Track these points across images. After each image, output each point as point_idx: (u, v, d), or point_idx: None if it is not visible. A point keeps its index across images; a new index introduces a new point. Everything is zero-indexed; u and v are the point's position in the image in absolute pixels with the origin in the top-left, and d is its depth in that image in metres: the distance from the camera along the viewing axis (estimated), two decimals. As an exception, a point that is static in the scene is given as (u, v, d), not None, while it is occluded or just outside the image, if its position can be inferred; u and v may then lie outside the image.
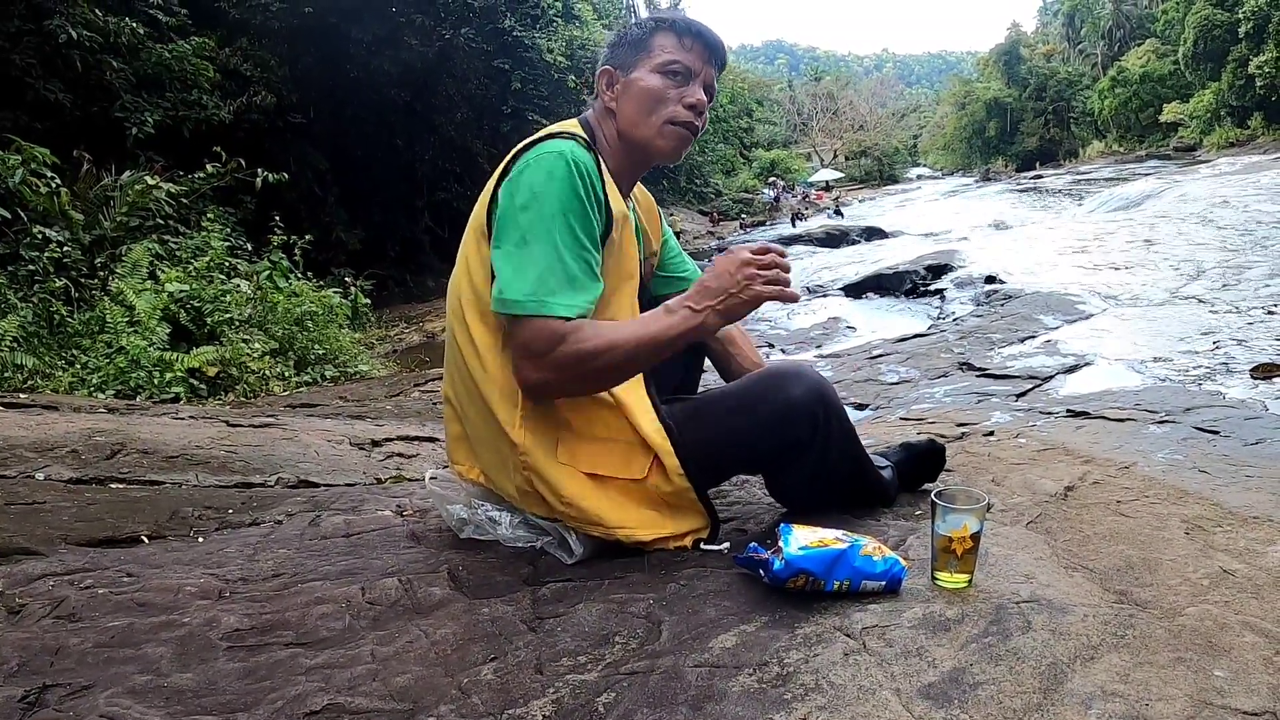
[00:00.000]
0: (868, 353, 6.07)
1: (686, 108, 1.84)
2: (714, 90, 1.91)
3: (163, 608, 1.58)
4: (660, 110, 1.83)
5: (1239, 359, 4.81)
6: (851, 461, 1.95)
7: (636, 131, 1.85)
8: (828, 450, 1.86)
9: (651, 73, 1.83)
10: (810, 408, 1.81)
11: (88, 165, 9.72)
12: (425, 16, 17.35)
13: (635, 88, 1.84)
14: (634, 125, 1.85)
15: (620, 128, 1.87)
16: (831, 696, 1.20)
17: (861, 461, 1.98)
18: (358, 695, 1.26)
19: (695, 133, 1.89)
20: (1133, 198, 18.41)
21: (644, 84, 1.83)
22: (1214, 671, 1.25)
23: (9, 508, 2.32)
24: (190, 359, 6.79)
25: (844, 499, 2.01)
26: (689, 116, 1.85)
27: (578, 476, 1.74)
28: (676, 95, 1.83)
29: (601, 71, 1.91)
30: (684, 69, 1.83)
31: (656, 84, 1.83)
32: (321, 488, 2.87)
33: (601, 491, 1.75)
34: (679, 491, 1.76)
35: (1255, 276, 7.44)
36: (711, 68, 1.88)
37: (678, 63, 1.83)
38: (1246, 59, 42.75)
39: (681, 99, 1.84)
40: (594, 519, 1.73)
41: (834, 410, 1.86)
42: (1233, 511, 2.00)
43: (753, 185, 45.56)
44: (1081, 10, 72.68)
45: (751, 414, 1.82)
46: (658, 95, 1.82)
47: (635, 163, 1.93)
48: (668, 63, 1.83)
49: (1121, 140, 58.60)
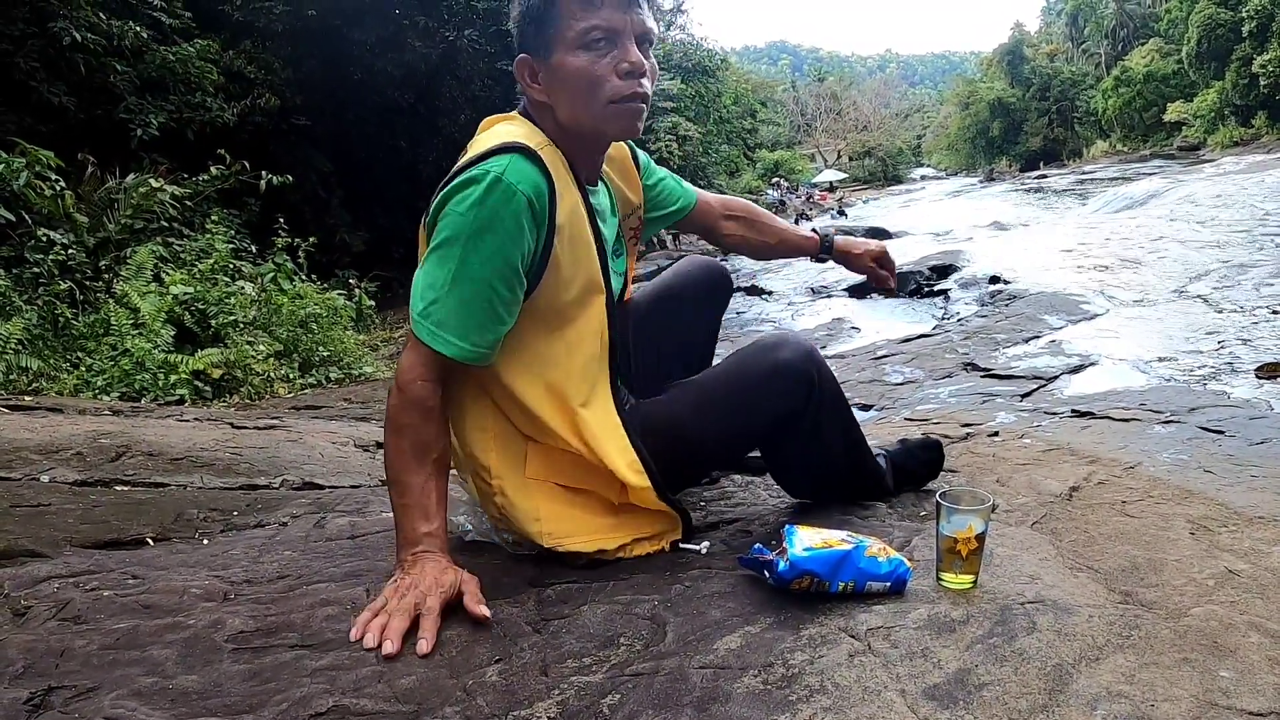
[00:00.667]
0: (872, 353, 6.07)
1: (624, 77, 1.58)
2: (651, 34, 1.62)
3: (168, 610, 1.58)
4: (597, 93, 1.58)
5: (1244, 359, 4.81)
6: (845, 436, 1.94)
7: (580, 122, 1.64)
8: (820, 421, 1.84)
9: (571, 51, 1.57)
10: (802, 367, 1.80)
11: (92, 168, 9.75)
12: (428, 18, 17.38)
13: (560, 75, 1.60)
14: (574, 116, 1.63)
15: (561, 120, 1.66)
16: (836, 698, 1.20)
17: (858, 442, 1.98)
18: (363, 697, 1.26)
19: (645, 100, 1.62)
20: (1137, 197, 18.39)
21: (569, 68, 1.58)
22: (1219, 672, 1.25)
23: (14, 510, 2.32)
24: (195, 361, 6.81)
25: (843, 483, 2.02)
26: (632, 87, 1.59)
27: (547, 488, 1.72)
28: (609, 66, 1.57)
29: (519, 63, 1.67)
30: (605, 31, 1.56)
31: (582, 63, 1.57)
32: (326, 490, 2.87)
33: (572, 503, 1.73)
34: (654, 503, 1.76)
35: (1260, 276, 7.43)
36: (637, 10, 1.58)
37: (595, 28, 1.56)
38: (1250, 58, 42.70)
39: (616, 68, 1.57)
40: (570, 530, 1.72)
41: (825, 374, 1.84)
42: (1238, 511, 1.99)
43: (757, 186, 45.51)
44: (1085, 10, 72.58)
45: (741, 386, 1.81)
46: (589, 76, 1.57)
47: (590, 149, 1.74)
48: (584, 32, 1.56)
49: (1125, 140, 58.52)
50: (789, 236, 2.34)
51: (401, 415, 1.59)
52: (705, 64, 33.17)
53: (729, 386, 1.83)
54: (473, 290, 1.54)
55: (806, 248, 2.33)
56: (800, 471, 2.02)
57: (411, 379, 1.58)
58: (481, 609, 1.49)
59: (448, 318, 1.55)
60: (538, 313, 1.65)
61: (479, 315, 1.56)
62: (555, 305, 1.66)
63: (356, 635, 1.44)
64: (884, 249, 2.35)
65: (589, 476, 1.73)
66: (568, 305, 1.68)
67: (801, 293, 9.88)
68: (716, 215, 2.26)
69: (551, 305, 1.66)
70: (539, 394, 1.67)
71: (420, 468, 1.59)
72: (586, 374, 1.72)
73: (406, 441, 1.59)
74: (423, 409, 1.59)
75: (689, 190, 2.21)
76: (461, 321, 1.55)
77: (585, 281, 1.69)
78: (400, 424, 1.59)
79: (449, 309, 1.55)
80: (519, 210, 1.52)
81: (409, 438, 1.59)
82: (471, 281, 1.53)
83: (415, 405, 1.58)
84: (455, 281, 1.54)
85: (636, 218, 2.04)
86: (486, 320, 1.57)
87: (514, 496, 1.71)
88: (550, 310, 1.66)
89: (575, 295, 1.68)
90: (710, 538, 1.87)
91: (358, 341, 9.70)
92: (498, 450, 1.71)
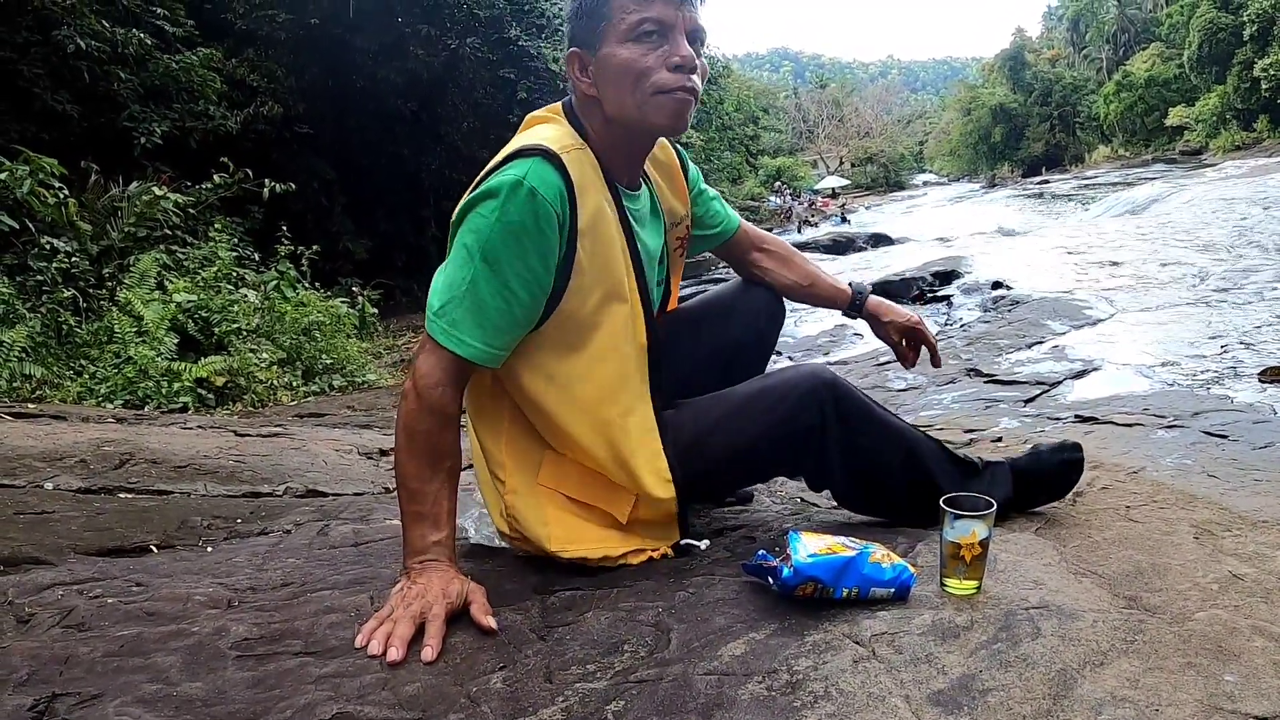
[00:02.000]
0: (874, 359, 6.05)
1: (673, 70, 1.60)
2: (701, 31, 1.65)
3: (172, 617, 1.58)
4: (644, 83, 1.60)
5: (1247, 362, 4.80)
6: (895, 448, 1.81)
7: (626, 114, 1.64)
8: (852, 435, 1.78)
9: (622, 44, 1.60)
10: (809, 384, 1.76)
11: (95, 176, 9.78)
12: (430, 26, 17.41)
13: (610, 66, 1.62)
14: (621, 108, 1.64)
15: (609, 113, 1.67)
16: (841, 704, 1.19)
17: (919, 456, 1.84)
18: (367, 704, 1.26)
19: (694, 93, 1.64)
20: (1139, 202, 18.39)
21: (618, 59, 1.60)
22: (1224, 676, 1.25)
23: (18, 517, 2.32)
24: (198, 369, 6.82)
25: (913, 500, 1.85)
26: (680, 80, 1.60)
27: (555, 498, 1.72)
28: (659, 59, 1.59)
29: (569, 56, 1.69)
30: (657, 24, 1.59)
31: (632, 55, 1.59)
32: (330, 497, 2.88)
33: (577, 515, 1.73)
34: (665, 514, 1.76)
35: (1262, 280, 7.42)
36: (689, 7, 1.61)
37: (647, 20, 1.58)
38: (1251, 62, 42.77)
39: (666, 62, 1.60)
40: (575, 538, 1.71)
41: (843, 390, 1.78)
42: (1242, 516, 1.99)
43: (759, 193, 45.58)
44: (1086, 15, 72.74)
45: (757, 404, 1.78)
46: (637, 68, 1.59)
47: (636, 146, 1.75)
48: (636, 24, 1.58)
49: (1127, 144, 58.59)
50: (821, 283, 2.23)
51: (418, 421, 1.57)
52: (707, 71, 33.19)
53: (746, 403, 1.80)
54: (490, 292, 1.54)
55: (837, 300, 2.23)
56: (856, 489, 1.91)
57: (430, 384, 1.56)
58: (489, 620, 1.49)
59: (463, 318, 1.55)
60: (563, 324, 1.64)
61: (495, 318, 1.55)
62: (579, 315, 1.64)
63: (361, 642, 1.44)
64: (917, 323, 2.21)
65: (598, 493, 1.72)
66: (592, 314, 1.65)
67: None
68: (751, 246, 2.21)
69: (576, 315, 1.64)
70: (569, 409, 1.66)
71: (433, 476, 1.58)
72: (624, 385, 1.70)
73: (421, 448, 1.57)
74: (440, 416, 1.57)
75: (732, 216, 2.18)
76: (477, 323, 1.55)
77: (610, 287, 1.67)
78: (415, 430, 1.57)
79: (465, 310, 1.54)
80: (539, 214, 1.53)
81: (423, 444, 1.57)
82: (489, 283, 1.54)
83: (432, 412, 1.57)
84: (473, 283, 1.54)
85: (684, 227, 2.01)
86: (502, 323, 1.56)
87: (524, 499, 1.71)
88: (574, 321, 1.64)
89: (598, 302, 1.66)
90: (715, 544, 1.87)
91: (361, 349, 9.71)
92: (511, 451, 1.71)
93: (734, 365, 2.07)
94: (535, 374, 1.66)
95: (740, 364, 2.09)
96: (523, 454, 1.71)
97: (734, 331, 2.11)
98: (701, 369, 2.03)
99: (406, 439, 1.58)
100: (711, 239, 2.15)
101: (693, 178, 2.04)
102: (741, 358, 2.11)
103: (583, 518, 1.74)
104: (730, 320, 2.12)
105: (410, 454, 1.58)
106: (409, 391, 1.58)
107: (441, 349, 1.56)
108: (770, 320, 2.19)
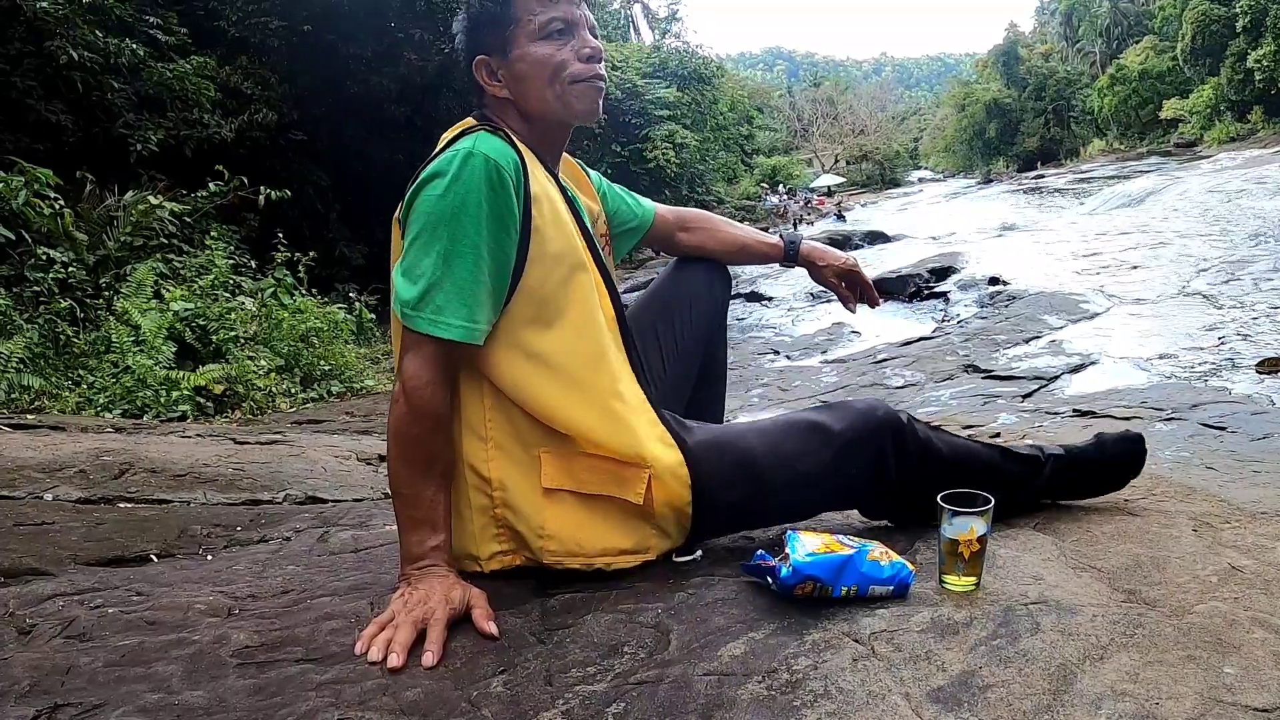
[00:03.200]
0: (872, 357, 6.07)
1: (585, 61, 1.69)
2: (595, 27, 1.75)
3: (172, 626, 1.58)
4: (562, 74, 1.68)
5: (1244, 354, 4.81)
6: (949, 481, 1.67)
7: (547, 107, 1.71)
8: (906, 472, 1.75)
9: (534, 42, 1.67)
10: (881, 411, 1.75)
11: (91, 186, 9.79)
12: (424, 31, 17.40)
13: (524, 65, 1.69)
14: (540, 102, 1.71)
15: (526, 110, 1.73)
16: (841, 702, 1.20)
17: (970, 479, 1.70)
18: (368, 710, 1.26)
19: (604, 81, 1.74)
20: (1134, 195, 18.41)
21: (533, 57, 1.68)
22: (1224, 669, 1.25)
23: (18, 529, 2.33)
24: (196, 377, 6.83)
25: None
26: (592, 69, 1.70)
27: (563, 500, 1.64)
28: (570, 53, 1.68)
29: (476, 63, 1.74)
30: (564, 22, 1.68)
31: (546, 51, 1.67)
32: (329, 503, 2.88)
33: (586, 513, 1.66)
34: (678, 499, 1.68)
35: (1258, 271, 7.43)
36: (584, 6, 1.73)
37: (555, 19, 1.67)
38: (1245, 53, 42.77)
39: (577, 54, 1.69)
40: (573, 549, 1.66)
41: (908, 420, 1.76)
42: (1240, 507, 1.99)
43: (754, 193, 45.57)
44: (1079, 9, 72.71)
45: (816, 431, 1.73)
46: (554, 62, 1.67)
47: (554, 139, 1.80)
48: (546, 24, 1.67)
49: (1122, 138, 58.59)
50: (750, 243, 2.26)
51: (410, 426, 1.55)
52: (701, 71, 33.24)
53: (803, 429, 1.76)
54: (466, 267, 1.53)
55: (771, 254, 2.26)
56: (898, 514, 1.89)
57: (418, 385, 1.54)
58: (490, 626, 1.48)
59: (447, 301, 1.53)
60: (531, 298, 1.62)
61: (478, 292, 1.54)
62: (546, 288, 1.62)
63: (361, 649, 1.44)
64: (853, 263, 2.26)
65: (608, 481, 1.65)
66: (559, 286, 1.64)
67: (801, 298, 9.90)
68: (672, 228, 2.21)
69: (542, 288, 1.62)
70: (557, 387, 1.62)
71: (428, 480, 1.57)
72: (606, 356, 1.67)
73: (414, 453, 1.56)
74: (432, 418, 1.56)
75: (646, 206, 2.18)
76: (462, 301, 1.53)
77: (571, 257, 1.67)
78: (408, 435, 1.55)
79: (447, 292, 1.52)
80: (494, 177, 1.53)
81: (417, 449, 1.56)
82: (463, 258, 1.52)
83: (424, 415, 1.55)
84: (447, 262, 1.52)
85: (603, 223, 2.01)
86: (482, 297, 1.55)
87: (522, 509, 1.64)
88: (541, 294, 1.62)
89: (565, 274, 1.65)
90: (713, 544, 1.86)
91: (359, 355, 9.73)
92: (501, 461, 1.64)
93: (713, 342, 2.16)
94: (515, 355, 1.61)
95: (718, 340, 2.19)
96: (513, 460, 1.65)
97: (696, 313, 2.13)
98: (682, 363, 2.06)
99: (398, 446, 1.57)
100: (633, 232, 2.15)
101: (595, 179, 2.07)
102: (715, 334, 2.18)
103: (597, 514, 1.66)
104: (686, 305, 2.12)
105: (403, 460, 1.57)
106: (398, 397, 1.56)
107: (426, 341, 1.54)
108: (723, 287, 2.23)
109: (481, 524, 1.68)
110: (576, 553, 1.66)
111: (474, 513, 1.68)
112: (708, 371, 2.18)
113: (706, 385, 2.19)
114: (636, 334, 1.96)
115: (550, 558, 1.66)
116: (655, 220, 2.18)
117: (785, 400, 5.02)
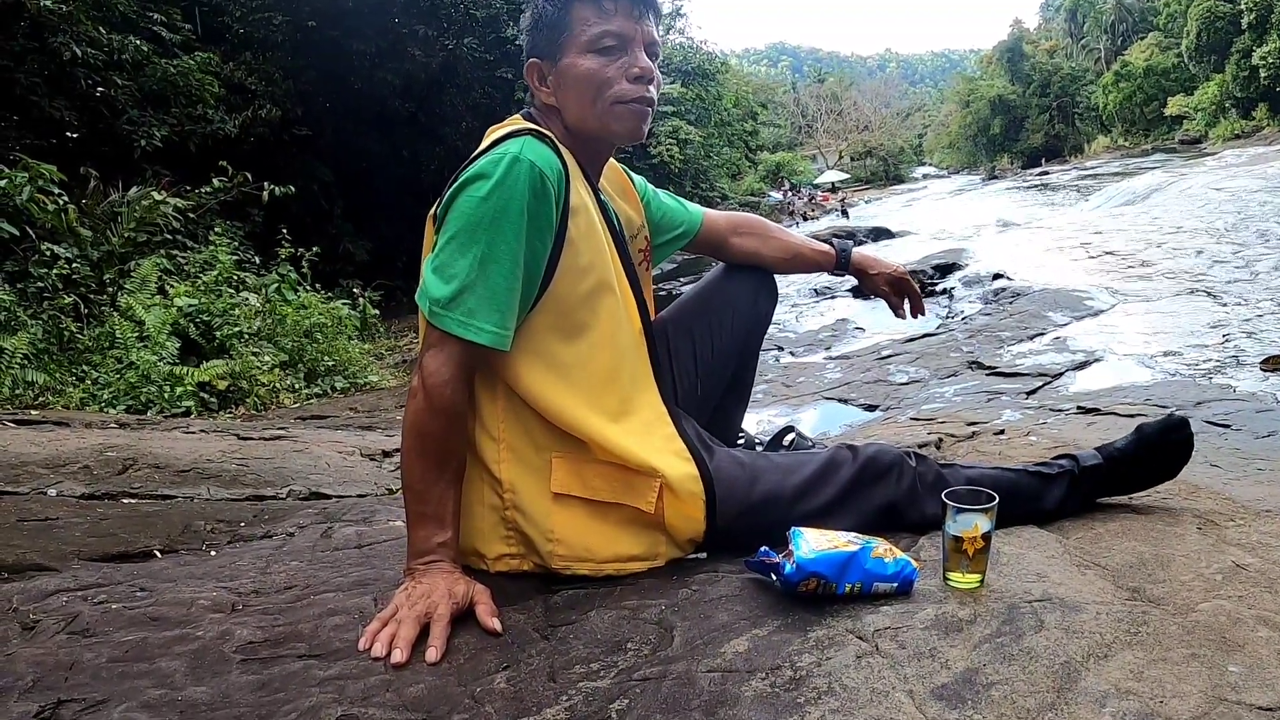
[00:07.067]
0: (876, 353, 6.06)
1: (632, 81, 1.66)
2: (657, 45, 1.71)
3: (176, 621, 1.59)
4: (605, 93, 1.65)
5: (1249, 352, 4.79)
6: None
7: (586, 124, 1.69)
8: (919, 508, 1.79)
9: (583, 55, 1.65)
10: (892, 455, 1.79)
11: (94, 182, 9.79)
12: (427, 27, 17.43)
13: (570, 76, 1.66)
14: (582, 118, 1.69)
15: (568, 122, 1.71)
16: (844, 699, 1.19)
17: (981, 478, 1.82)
18: (371, 706, 1.26)
19: (651, 104, 1.70)
20: (1139, 192, 18.32)
21: (579, 70, 1.65)
22: (1228, 667, 1.24)
23: (22, 524, 2.33)
24: (200, 373, 6.83)
25: None
26: (639, 90, 1.67)
27: (572, 505, 1.64)
28: (619, 70, 1.65)
29: (528, 66, 1.73)
30: (617, 38, 1.64)
31: (593, 66, 1.65)
32: (333, 499, 2.88)
33: (596, 519, 1.65)
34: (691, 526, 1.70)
35: (1263, 269, 7.40)
36: (646, 22, 1.67)
37: (608, 33, 1.64)
38: (1250, 50, 42.67)
39: (625, 73, 1.65)
40: (582, 554, 1.65)
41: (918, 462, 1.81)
42: (1245, 505, 1.99)
43: (759, 189, 45.57)
44: (1083, 5, 72.56)
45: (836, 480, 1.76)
46: (599, 79, 1.65)
47: (595, 152, 1.78)
48: (597, 38, 1.64)
49: (1126, 135, 58.52)
50: (803, 250, 2.24)
51: (428, 422, 1.54)
52: (705, 67, 33.18)
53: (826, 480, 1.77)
54: (502, 273, 1.52)
55: (822, 262, 2.25)
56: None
57: (439, 383, 1.53)
58: (494, 622, 1.48)
59: (479, 305, 1.52)
60: (556, 307, 1.62)
61: (507, 298, 1.54)
62: (572, 299, 1.63)
63: (365, 644, 1.44)
64: (903, 273, 2.26)
65: (619, 488, 1.64)
66: (584, 299, 1.64)
67: (805, 294, 9.87)
68: (725, 234, 2.19)
69: (568, 298, 1.62)
70: (571, 396, 1.62)
71: (440, 476, 1.57)
72: (625, 373, 1.68)
73: (429, 449, 1.56)
74: (451, 415, 1.55)
75: (694, 211, 2.16)
76: (495, 307, 1.53)
77: (602, 272, 1.67)
78: (425, 431, 1.55)
79: (480, 296, 1.52)
80: (537, 187, 1.52)
81: (432, 445, 1.56)
82: (499, 264, 1.52)
83: (444, 412, 1.54)
84: (483, 266, 1.51)
85: (643, 238, 1.99)
86: (514, 303, 1.55)
87: (531, 512, 1.64)
88: (567, 305, 1.63)
89: (591, 289, 1.65)
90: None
91: (362, 351, 9.72)
92: (513, 463, 1.64)
93: (747, 352, 2.14)
94: (534, 361, 1.61)
95: (751, 350, 2.17)
96: (524, 463, 1.65)
97: (738, 321, 2.11)
98: (714, 368, 2.04)
99: (415, 440, 1.56)
100: (676, 240, 2.14)
101: (639, 185, 2.04)
102: (751, 343, 2.17)
103: (609, 522, 1.66)
104: (728, 311, 2.11)
105: (418, 455, 1.56)
106: (417, 391, 1.55)
107: (452, 340, 1.53)
108: (768, 299, 2.21)
109: (491, 523, 1.68)
110: (586, 558, 1.66)
111: (485, 510, 1.68)
112: (737, 379, 2.18)
113: (732, 393, 2.18)
114: (674, 331, 1.99)
115: (559, 562, 1.66)
116: (704, 225, 2.17)
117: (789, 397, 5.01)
